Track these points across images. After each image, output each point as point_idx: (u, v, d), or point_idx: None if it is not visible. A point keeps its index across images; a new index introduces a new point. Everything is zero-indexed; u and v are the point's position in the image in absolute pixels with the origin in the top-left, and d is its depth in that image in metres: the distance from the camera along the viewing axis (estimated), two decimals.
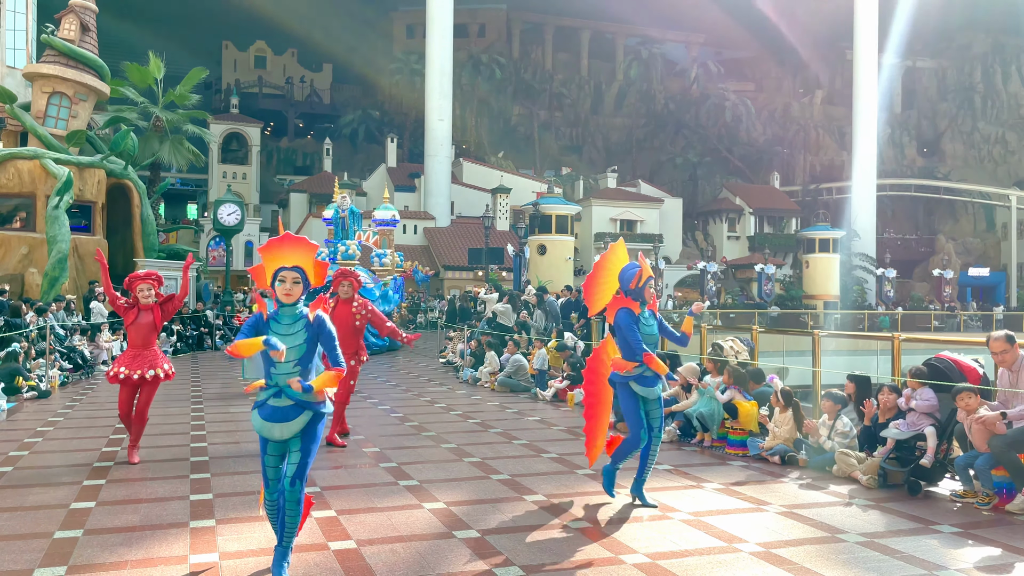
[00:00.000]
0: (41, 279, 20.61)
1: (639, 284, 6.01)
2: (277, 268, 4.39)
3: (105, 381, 14.61)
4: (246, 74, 67.53)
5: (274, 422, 4.36)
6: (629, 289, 6.05)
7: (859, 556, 5.04)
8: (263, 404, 4.40)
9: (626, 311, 6.03)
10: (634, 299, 6.05)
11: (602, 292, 6.33)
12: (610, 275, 6.26)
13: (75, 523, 5.54)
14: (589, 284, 6.43)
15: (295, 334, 4.39)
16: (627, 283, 6.07)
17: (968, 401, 6.37)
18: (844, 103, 61.45)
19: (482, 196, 49.16)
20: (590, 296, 6.43)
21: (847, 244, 50.05)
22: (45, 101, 23.26)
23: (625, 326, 6.00)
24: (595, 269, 6.38)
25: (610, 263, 6.29)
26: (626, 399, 6.10)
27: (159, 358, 7.66)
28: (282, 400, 4.36)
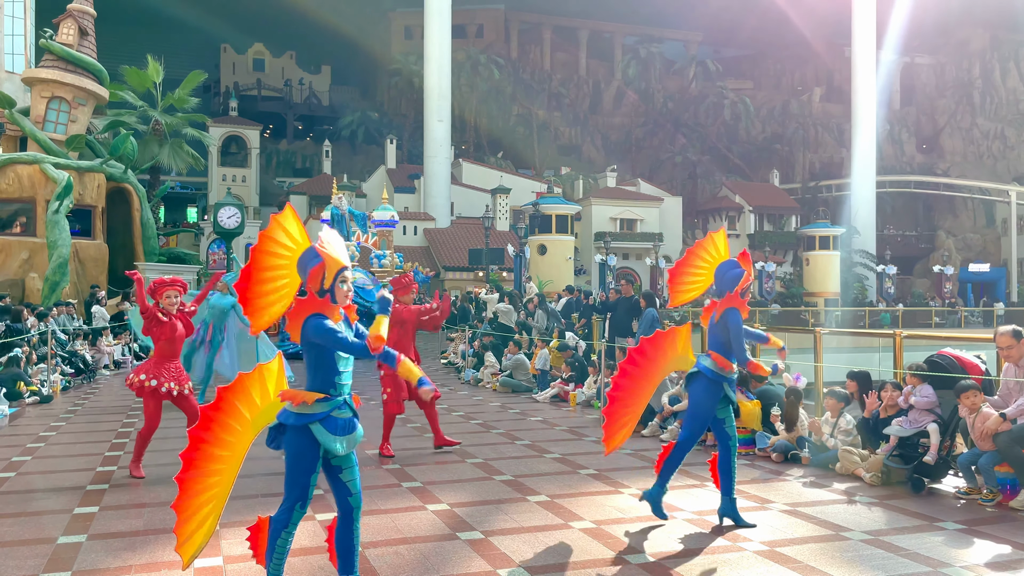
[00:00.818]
0: (42, 284, 20.63)
1: (743, 289, 5.61)
2: (340, 268, 3.95)
3: (107, 385, 14.61)
4: (245, 77, 67.55)
5: (344, 435, 4.02)
6: (733, 292, 5.59)
7: (863, 554, 5.03)
8: (327, 417, 3.96)
9: (736, 312, 5.56)
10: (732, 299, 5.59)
11: (691, 283, 5.84)
12: (705, 267, 5.79)
13: (79, 528, 5.54)
14: (677, 272, 5.89)
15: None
16: (731, 284, 5.60)
17: (972, 399, 6.37)
18: (843, 100, 61.46)
19: (482, 196, 49.16)
20: (676, 285, 5.89)
21: (847, 241, 50.05)
22: (44, 106, 23.28)
23: (736, 329, 5.53)
24: (687, 256, 5.87)
25: (707, 254, 5.78)
26: (707, 398, 5.63)
27: (183, 372, 7.35)
28: (345, 411, 4.04)
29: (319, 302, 3.93)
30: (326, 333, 3.85)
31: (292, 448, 3.95)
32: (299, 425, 3.91)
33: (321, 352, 3.93)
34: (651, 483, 6.90)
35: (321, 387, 3.95)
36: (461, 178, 52.18)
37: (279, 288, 3.92)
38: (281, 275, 3.91)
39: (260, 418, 3.97)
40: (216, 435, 3.91)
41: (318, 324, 3.88)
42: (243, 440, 3.99)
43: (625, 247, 47.93)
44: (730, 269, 5.65)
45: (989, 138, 64.30)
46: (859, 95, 55.15)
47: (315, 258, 3.90)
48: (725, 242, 5.82)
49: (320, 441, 3.92)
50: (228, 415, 3.92)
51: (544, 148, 63.24)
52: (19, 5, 28.19)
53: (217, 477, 3.95)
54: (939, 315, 40.90)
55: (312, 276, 3.89)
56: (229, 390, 3.90)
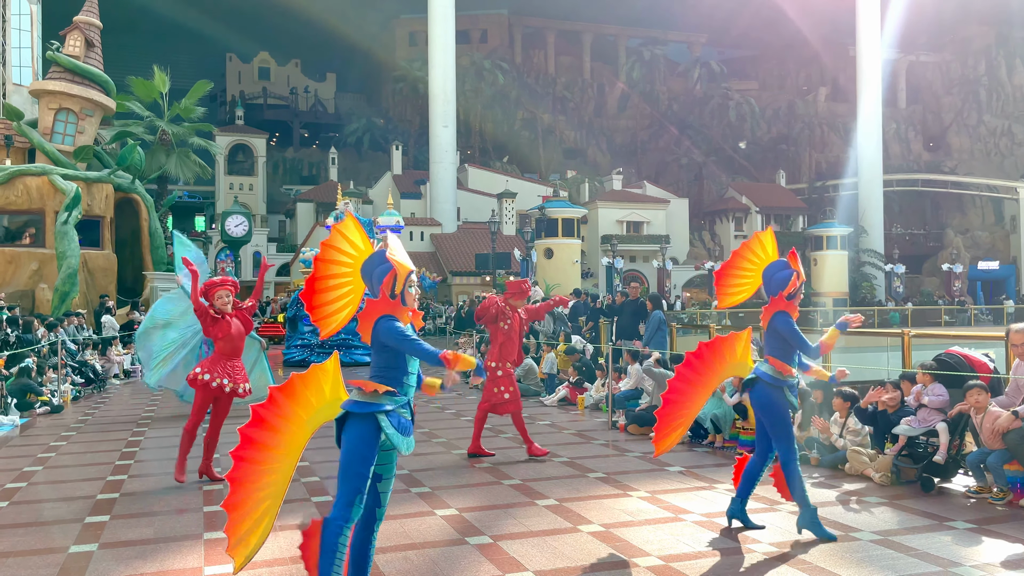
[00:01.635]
0: (51, 294, 20.76)
1: (793, 291, 5.41)
2: (409, 273, 4.02)
3: (117, 395, 14.68)
4: (250, 86, 67.85)
5: (407, 435, 4.02)
6: (782, 294, 5.42)
7: (873, 554, 5.02)
8: (391, 413, 3.96)
9: (785, 315, 5.39)
10: (787, 300, 5.41)
11: (738, 285, 5.68)
12: (752, 268, 5.61)
13: (90, 537, 5.57)
14: (723, 274, 5.73)
15: None
16: (778, 287, 5.43)
17: (977, 398, 6.35)
18: (848, 99, 61.29)
19: (488, 201, 49.21)
20: (722, 288, 5.72)
21: (855, 241, 49.88)
22: (52, 117, 23.45)
23: (789, 330, 5.34)
24: (733, 258, 5.70)
25: (755, 255, 5.61)
26: (773, 402, 5.37)
27: (244, 371, 7.33)
28: (407, 413, 4.05)
29: (390, 303, 4.00)
30: (397, 335, 3.92)
31: (353, 437, 3.90)
32: (365, 413, 3.90)
33: (393, 353, 3.98)
34: (659, 485, 6.91)
35: (385, 380, 3.98)
36: (467, 183, 52.24)
37: (344, 295, 4.07)
38: (344, 282, 4.06)
39: (315, 419, 3.93)
40: (268, 435, 3.87)
41: (389, 326, 3.94)
42: (297, 440, 3.92)
43: (632, 250, 47.89)
44: (779, 271, 5.49)
45: (996, 135, 63.99)
46: (864, 94, 54.96)
47: (384, 265, 4.00)
48: (773, 242, 5.64)
49: (385, 432, 3.89)
50: (281, 415, 3.87)
51: (549, 152, 63.26)
52: (26, 18, 28.40)
53: (270, 477, 3.88)
54: (948, 313, 40.70)
55: (386, 283, 3.98)
56: (282, 390, 3.86)
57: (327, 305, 4.02)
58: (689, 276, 48.15)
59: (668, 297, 40.93)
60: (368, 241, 4.07)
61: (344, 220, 4.07)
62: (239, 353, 7.25)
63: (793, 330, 5.35)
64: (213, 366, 7.09)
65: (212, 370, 7.06)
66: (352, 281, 4.06)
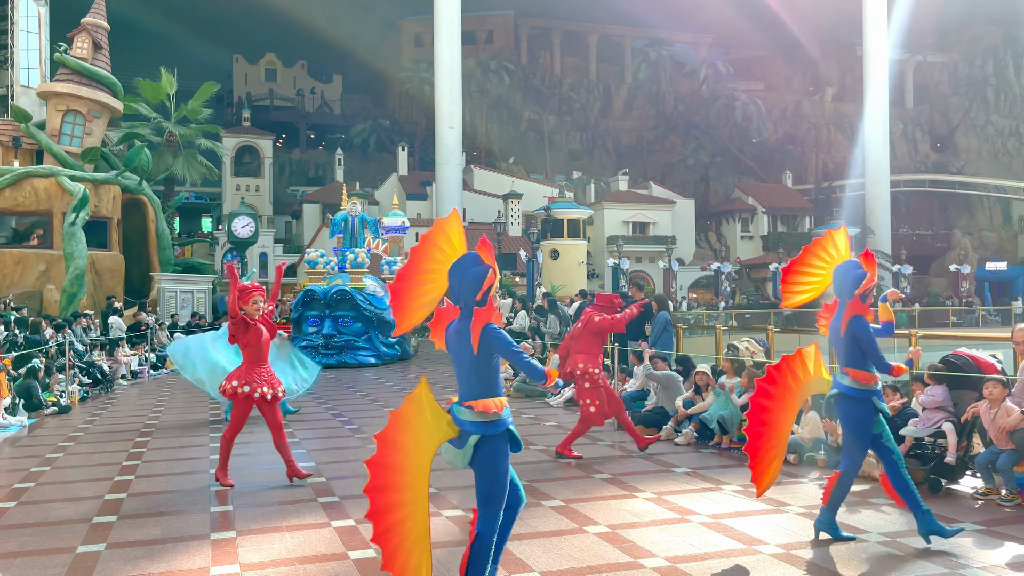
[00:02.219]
0: (59, 295, 20.83)
1: (865, 291, 5.13)
2: (493, 281, 3.92)
3: (124, 395, 14.73)
4: (257, 87, 67.99)
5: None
6: (856, 295, 5.14)
7: (880, 556, 5.00)
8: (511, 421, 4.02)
9: (862, 321, 5.12)
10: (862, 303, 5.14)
11: (806, 284, 5.43)
12: (822, 267, 5.36)
13: (98, 537, 5.59)
14: (790, 271, 5.50)
15: None
16: (851, 287, 5.15)
17: (992, 391, 6.32)
18: (855, 100, 61.10)
19: (494, 202, 49.21)
20: (788, 285, 5.49)
21: (862, 241, 49.72)
22: (59, 119, 23.55)
23: (867, 338, 5.11)
24: (803, 254, 5.45)
25: (826, 253, 5.36)
26: (860, 418, 5.14)
27: (274, 375, 7.23)
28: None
29: (492, 310, 3.91)
30: (511, 347, 3.91)
31: (491, 457, 3.92)
32: (499, 433, 3.93)
33: (491, 361, 3.92)
34: (665, 486, 6.91)
35: (496, 393, 3.94)
36: (473, 184, 52.25)
37: (427, 292, 3.94)
38: (431, 278, 3.92)
39: (427, 443, 3.92)
40: (389, 473, 3.91)
41: (502, 336, 3.90)
42: (418, 467, 3.91)
43: (638, 250, 47.84)
44: (851, 270, 5.19)
45: (1004, 135, 63.72)
46: (871, 94, 54.79)
47: (480, 267, 3.91)
48: (846, 240, 5.37)
49: (518, 439, 4.00)
50: (395, 449, 3.91)
51: (555, 153, 63.23)
52: (34, 20, 28.54)
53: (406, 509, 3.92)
54: (956, 314, 40.55)
55: (486, 286, 3.88)
56: (388, 430, 3.91)
57: (415, 300, 3.89)
58: (695, 277, 48.07)
59: (674, 298, 40.88)
60: (464, 241, 3.95)
61: (449, 216, 3.94)
62: (266, 359, 7.19)
63: (871, 339, 5.11)
64: (249, 376, 7.00)
65: (248, 380, 6.98)
66: (437, 279, 3.92)
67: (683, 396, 9.43)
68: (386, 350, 20.23)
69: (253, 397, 6.95)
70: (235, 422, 7.12)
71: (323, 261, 21.40)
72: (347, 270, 20.64)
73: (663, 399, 9.80)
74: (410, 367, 19.75)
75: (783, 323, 36.79)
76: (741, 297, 45.13)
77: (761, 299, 45.11)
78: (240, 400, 7.00)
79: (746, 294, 46.41)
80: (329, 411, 11.94)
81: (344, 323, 19.47)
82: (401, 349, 21.19)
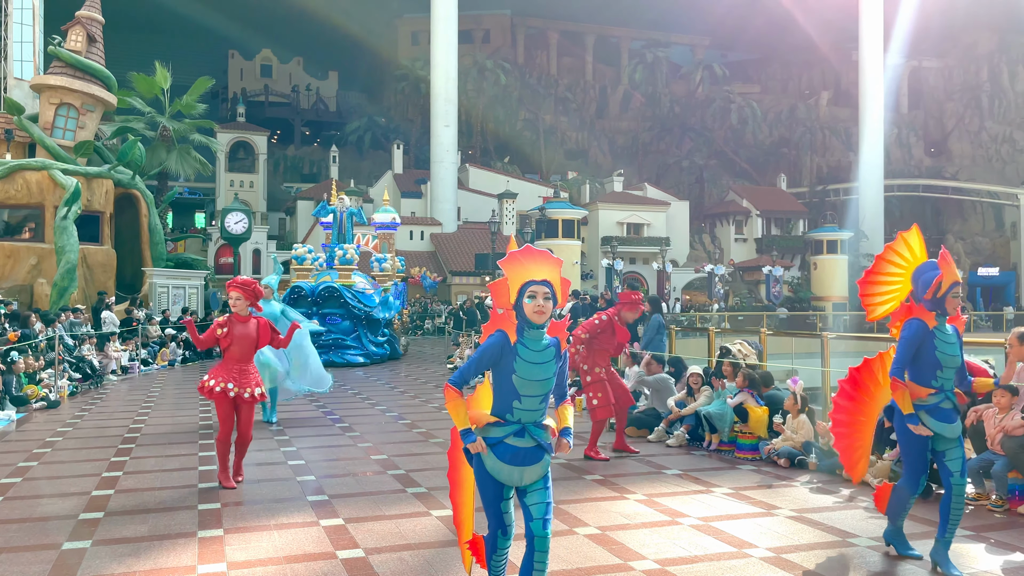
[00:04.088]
0: (50, 289, 20.72)
1: (938, 293, 4.74)
2: (525, 282, 3.67)
3: (114, 391, 14.65)
4: (252, 83, 67.79)
5: (517, 465, 3.67)
6: (924, 298, 4.79)
7: (870, 560, 5.00)
8: (498, 443, 3.68)
9: (917, 322, 4.78)
10: (929, 309, 4.79)
11: (885, 294, 5.10)
12: (900, 273, 5.03)
13: (84, 534, 5.54)
14: (867, 283, 5.17)
15: (546, 363, 3.70)
16: (922, 290, 4.81)
17: (1000, 399, 6.33)
18: (850, 104, 61.27)
19: (488, 201, 49.18)
20: (868, 298, 5.16)
21: (855, 245, 49.86)
22: (53, 112, 23.41)
23: (903, 339, 4.79)
24: (877, 263, 5.11)
25: (900, 258, 5.01)
26: (908, 433, 4.83)
27: (256, 375, 7.01)
28: (525, 440, 3.68)
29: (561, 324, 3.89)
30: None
31: (474, 469, 3.80)
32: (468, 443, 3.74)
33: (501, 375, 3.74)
34: (656, 488, 6.89)
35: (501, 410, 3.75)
36: (468, 183, 52.22)
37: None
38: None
39: None
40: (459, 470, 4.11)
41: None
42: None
43: (632, 251, 47.86)
44: (925, 272, 4.86)
45: (998, 141, 63.96)
46: (867, 99, 54.96)
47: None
48: (921, 242, 5.02)
49: (485, 463, 3.72)
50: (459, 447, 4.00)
51: (551, 153, 63.22)
52: (28, 12, 28.37)
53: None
54: None
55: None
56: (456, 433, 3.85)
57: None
58: (689, 279, 48.12)
59: (668, 299, 40.91)
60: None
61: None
62: (250, 358, 6.96)
63: (907, 339, 4.78)
64: (219, 372, 6.83)
65: (218, 376, 6.81)
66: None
67: (675, 397, 9.42)
68: (375, 349, 19.85)
69: (217, 392, 6.74)
70: (219, 423, 6.87)
71: (311, 257, 20.92)
72: (336, 266, 20.12)
73: (655, 401, 9.80)
74: (400, 366, 19.66)
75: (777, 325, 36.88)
76: (735, 299, 45.19)
77: (754, 301, 45.19)
78: (215, 398, 6.82)
79: (739, 296, 46.48)
80: (320, 408, 11.90)
81: (332, 321, 18.95)
82: (391, 348, 20.88)
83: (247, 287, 6.88)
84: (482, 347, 3.69)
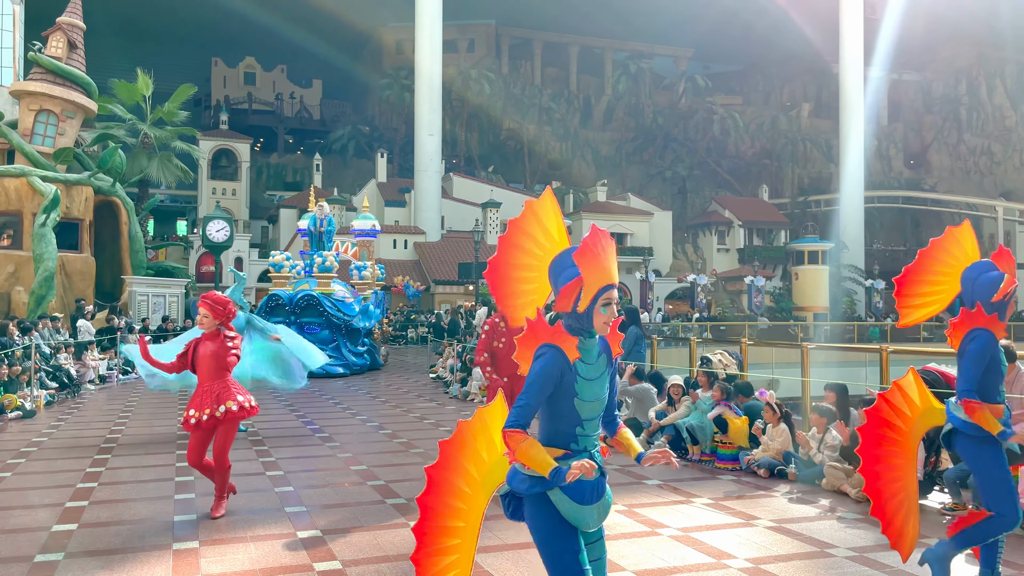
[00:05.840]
0: (28, 297, 20.49)
1: (1005, 296, 4.09)
2: (604, 286, 2.95)
3: (92, 400, 14.48)
4: (236, 90, 67.57)
5: (594, 503, 3.00)
6: (990, 303, 4.12)
7: (848, 571, 5.01)
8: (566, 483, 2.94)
9: (987, 334, 4.09)
10: (988, 313, 4.14)
11: (928, 295, 4.37)
12: (948, 273, 4.32)
13: (56, 546, 5.46)
14: (906, 281, 4.39)
15: (601, 377, 3.05)
16: (986, 292, 4.13)
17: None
18: (831, 116, 61.89)
19: (472, 210, 49.21)
20: (905, 298, 4.40)
21: (836, 256, 50.28)
22: (32, 119, 23.21)
23: (974, 354, 4.09)
24: (920, 260, 4.36)
25: (949, 256, 4.31)
26: (986, 460, 4.15)
27: (229, 391, 6.26)
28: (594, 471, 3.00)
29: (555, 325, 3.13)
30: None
31: (534, 524, 3.02)
32: (536, 492, 2.98)
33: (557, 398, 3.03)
34: (636, 498, 6.88)
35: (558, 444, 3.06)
36: (452, 192, 52.24)
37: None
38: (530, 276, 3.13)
39: (490, 476, 3.28)
40: (446, 502, 3.27)
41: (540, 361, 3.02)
42: (476, 504, 3.29)
43: None
44: (983, 272, 4.19)
45: (976, 154, 64.86)
46: (847, 111, 55.58)
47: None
48: (973, 239, 4.35)
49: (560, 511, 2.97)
50: (455, 475, 3.25)
51: (535, 162, 63.40)
52: (8, 18, 28.14)
53: (455, 556, 3.29)
54: (927, 330, 41.04)
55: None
56: (451, 444, 3.25)
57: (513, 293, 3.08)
58: (671, 288, 48.30)
59: (650, 309, 41.02)
60: (564, 232, 3.11)
61: (542, 197, 3.10)
62: (217, 376, 6.25)
63: (979, 353, 4.08)
64: (195, 400, 6.25)
65: (195, 405, 6.23)
66: (537, 279, 3.09)
67: (656, 408, 9.43)
68: (355, 359, 19.48)
69: (201, 420, 6.15)
70: (190, 451, 6.28)
71: (289, 265, 20.44)
72: (315, 274, 19.66)
73: (636, 411, 9.80)
74: (380, 377, 19.51)
75: (758, 335, 37.07)
76: (717, 309, 45.40)
77: (736, 311, 45.41)
78: (187, 427, 6.27)
79: (722, 306, 46.71)
80: (299, 418, 11.81)
81: (311, 330, 18.31)
82: (371, 358, 20.59)
83: (217, 306, 6.26)
84: (539, 370, 2.92)
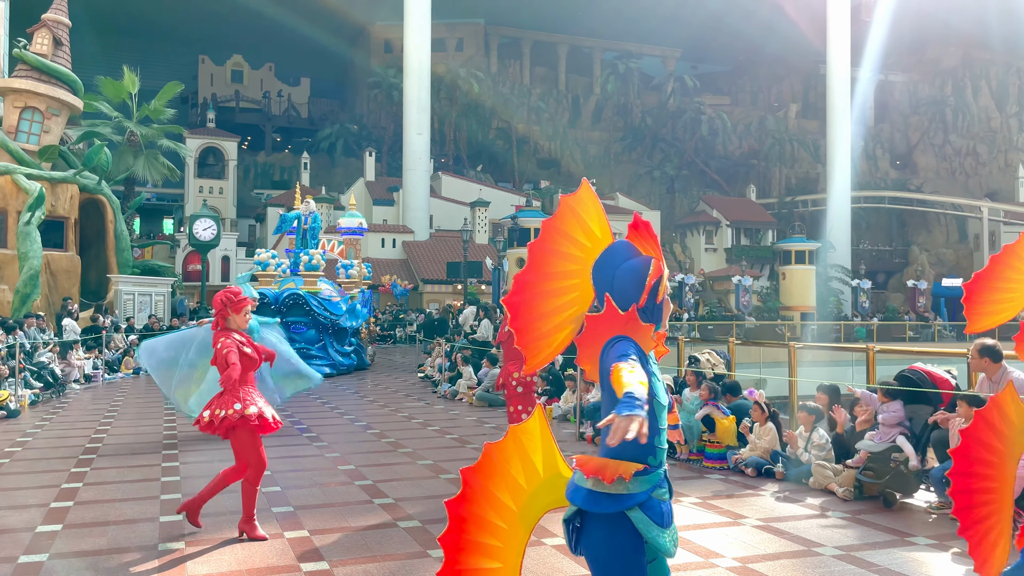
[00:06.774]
0: (12, 296, 20.31)
1: None
2: (660, 275, 2.64)
3: (76, 400, 14.37)
4: (223, 88, 67.17)
5: (669, 527, 2.69)
6: None
7: (835, 570, 5.02)
8: (647, 500, 2.62)
9: None
10: None
11: (999, 302, 3.96)
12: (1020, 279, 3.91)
13: (41, 547, 5.41)
14: (976, 288, 4.00)
15: (660, 380, 2.72)
16: None
17: (966, 409, 6.41)
18: (818, 116, 62.18)
19: (461, 209, 49.14)
20: (975, 306, 4.00)
21: (823, 256, 50.52)
22: (17, 116, 23.00)
23: None
24: (992, 265, 3.95)
25: (1021, 261, 3.88)
26: None
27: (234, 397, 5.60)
28: (665, 491, 2.70)
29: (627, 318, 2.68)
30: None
31: (605, 550, 2.63)
32: (612, 513, 2.56)
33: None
34: None
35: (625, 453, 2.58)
36: (440, 191, 52.16)
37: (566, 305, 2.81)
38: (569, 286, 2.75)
39: (531, 506, 2.86)
40: (476, 541, 2.81)
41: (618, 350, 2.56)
42: (515, 541, 2.88)
43: None
44: None
45: (961, 155, 65.29)
46: (834, 112, 55.86)
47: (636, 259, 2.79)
48: None
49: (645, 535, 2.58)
50: (486, 508, 2.78)
51: (523, 161, 63.40)
52: None
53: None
54: (913, 329, 41.33)
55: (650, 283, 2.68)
56: (477, 472, 2.76)
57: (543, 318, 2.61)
58: None
59: None
60: (607, 227, 2.73)
61: (578, 192, 2.74)
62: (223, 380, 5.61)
63: None
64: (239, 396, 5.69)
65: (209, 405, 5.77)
66: (579, 286, 2.69)
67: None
68: (341, 359, 19.30)
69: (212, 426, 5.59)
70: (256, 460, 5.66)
71: (274, 263, 20.13)
72: (300, 273, 19.37)
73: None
74: (368, 376, 19.45)
75: (745, 335, 37.20)
76: (704, 309, 45.52)
77: (724, 311, 45.54)
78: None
79: (709, 306, 46.82)
80: (287, 418, 11.76)
81: (296, 330, 18.06)
82: (358, 358, 20.43)
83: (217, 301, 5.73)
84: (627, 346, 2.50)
